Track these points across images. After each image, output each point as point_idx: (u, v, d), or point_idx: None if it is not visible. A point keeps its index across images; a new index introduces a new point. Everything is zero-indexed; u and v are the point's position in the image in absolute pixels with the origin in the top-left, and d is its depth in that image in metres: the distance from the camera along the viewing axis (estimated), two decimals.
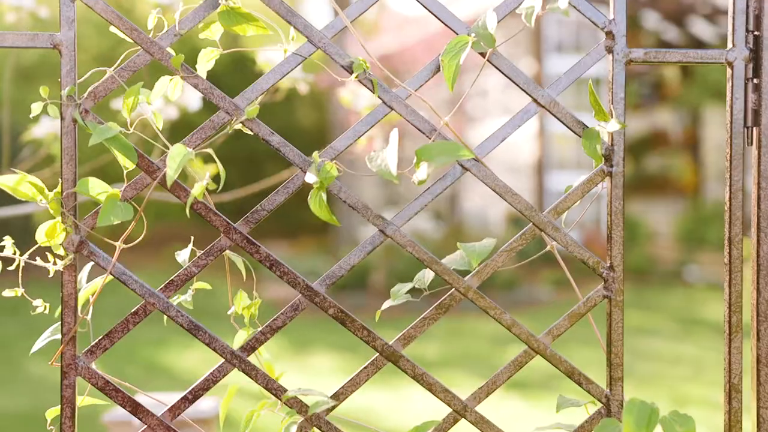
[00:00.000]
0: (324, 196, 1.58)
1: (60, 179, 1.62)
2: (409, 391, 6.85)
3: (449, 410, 1.71)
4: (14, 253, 1.66)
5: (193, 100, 2.99)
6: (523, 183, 14.54)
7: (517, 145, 14.16)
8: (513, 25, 14.43)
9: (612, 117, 1.67)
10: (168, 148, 1.62)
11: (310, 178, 1.59)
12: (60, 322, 1.65)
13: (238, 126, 1.64)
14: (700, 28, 15.64)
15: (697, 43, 15.61)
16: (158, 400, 1.70)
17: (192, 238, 1.74)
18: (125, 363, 7.89)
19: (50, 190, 1.62)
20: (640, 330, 9.32)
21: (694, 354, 8.54)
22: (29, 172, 4.13)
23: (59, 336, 1.67)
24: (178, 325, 1.66)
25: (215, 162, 1.71)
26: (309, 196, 1.60)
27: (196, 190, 1.52)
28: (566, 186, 1.77)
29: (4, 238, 1.67)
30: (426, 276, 1.75)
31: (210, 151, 1.55)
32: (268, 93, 3.22)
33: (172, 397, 2.89)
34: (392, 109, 1.67)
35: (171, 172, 1.48)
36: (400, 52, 13.49)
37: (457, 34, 1.66)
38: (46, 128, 2.97)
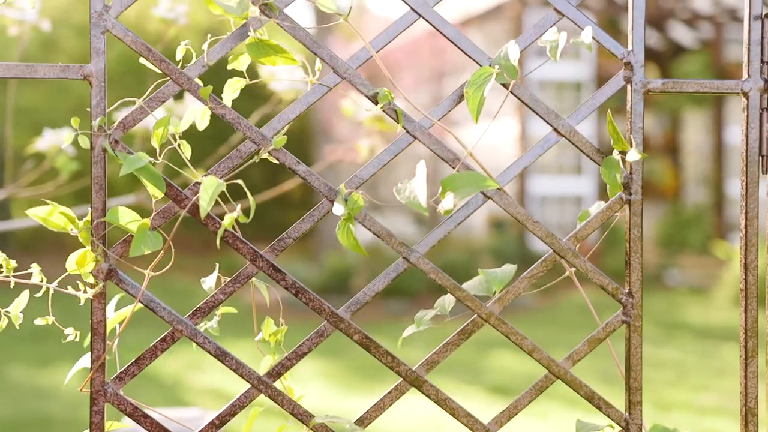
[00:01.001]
0: (353, 228, 1.61)
1: (90, 208, 1.64)
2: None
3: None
4: (42, 280, 1.68)
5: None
6: (507, 188, 14.56)
7: (498, 148, 14.22)
8: (494, 28, 14.49)
9: (630, 146, 1.71)
10: (195, 175, 1.64)
11: (338, 209, 1.62)
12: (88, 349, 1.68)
13: (265, 155, 1.66)
14: (680, 32, 15.75)
15: (677, 48, 15.71)
16: (185, 425, 1.72)
17: (217, 265, 1.76)
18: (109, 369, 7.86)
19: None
20: (622, 334, 9.38)
21: (677, 358, 8.61)
22: (32, 185, 4.14)
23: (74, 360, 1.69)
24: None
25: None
26: (337, 227, 1.63)
27: (227, 222, 1.55)
28: (583, 212, 1.80)
29: (32, 265, 1.69)
30: (447, 301, 1.78)
31: (240, 182, 1.58)
32: (272, 103, 3.25)
33: (190, 413, 2.92)
34: (416, 138, 1.70)
35: (204, 204, 1.51)
36: (382, 56, 13.50)
37: (480, 65, 1.69)
38: (49, 141, 2.98)
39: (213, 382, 7.45)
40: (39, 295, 1.73)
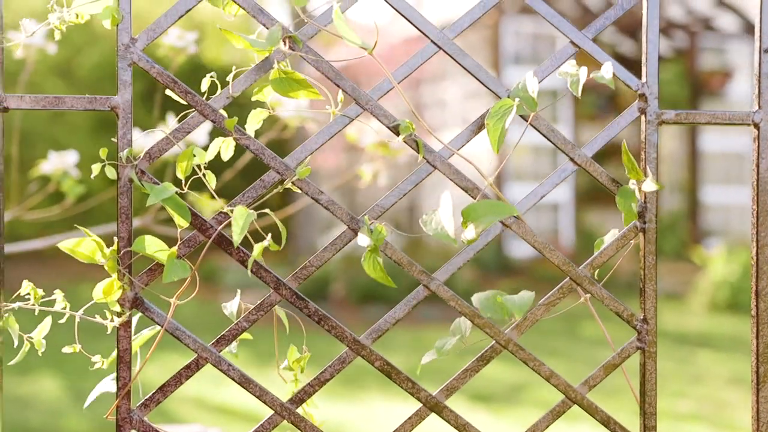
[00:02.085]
0: (380, 260, 1.64)
1: (116, 237, 1.66)
2: (375, 404, 6.91)
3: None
4: (65, 308, 1.70)
5: (201, 137, 3.02)
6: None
7: (474, 156, 14.26)
8: (472, 37, 14.54)
9: (646, 176, 1.74)
10: (221, 206, 1.67)
11: (364, 240, 1.64)
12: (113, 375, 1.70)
13: (288, 185, 1.69)
14: None
15: None
16: None
17: (239, 291, 1.79)
18: (89, 377, 7.84)
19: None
20: (601, 341, 9.45)
21: None
22: (36, 208, 4.14)
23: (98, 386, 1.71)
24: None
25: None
26: (362, 258, 1.66)
27: (256, 252, 1.57)
28: (597, 240, 1.84)
29: (54, 291, 1.71)
30: (463, 326, 1.82)
31: (268, 211, 1.60)
32: (276, 129, 3.27)
33: (191, 429, 2.93)
34: (435, 168, 1.73)
35: (236, 236, 1.54)
36: (360, 63, 13.55)
37: (499, 97, 1.73)
38: (54, 164, 2.99)
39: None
40: (63, 321, 1.75)
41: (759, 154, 1.79)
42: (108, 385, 1.72)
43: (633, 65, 15.93)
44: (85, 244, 1.62)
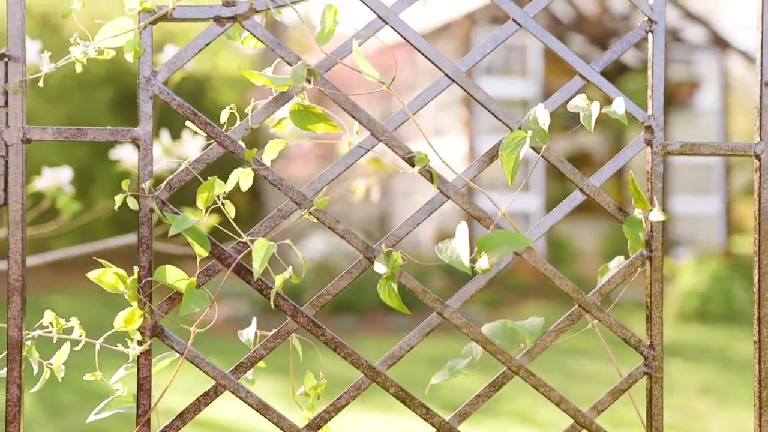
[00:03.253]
0: (395, 287, 1.67)
1: (137, 266, 1.68)
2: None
3: None
4: (81, 335, 1.73)
5: (193, 151, 3.05)
6: (453, 204, 14.73)
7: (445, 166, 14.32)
8: (445, 47, 14.61)
9: (652, 206, 1.79)
10: (240, 235, 1.70)
11: (380, 268, 1.68)
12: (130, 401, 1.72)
13: (306, 215, 1.72)
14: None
15: (621, 67, 15.97)
16: None
17: (255, 319, 1.82)
18: (59, 388, 7.81)
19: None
20: (572, 351, 9.53)
21: (609, 375, 8.76)
22: (32, 224, 4.14)
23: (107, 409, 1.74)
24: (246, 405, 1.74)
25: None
26: (378, 285, 1.70)
27: (278, 284, 1.61)
28: (602, 267, 1.89)
29: (71, 319, 1.73)
30: (475, 351, 1.86)
31: (289, 242, 1.63)
32: None
33: None
34: (449, 198, 1.77)
35: (257, 266, 1.57)
36: (331, 76, 13.51)
37: (512, 130, 1.77)
38: (48, 180, 2.99)
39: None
40: (78, 348, 1.77)
41: (761, 184, 1.84)
42: (117, 403, 1.75)
43: (604, 76, 16.05)
44: (109, 275, 1.64)
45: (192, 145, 3.06)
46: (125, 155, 3.08)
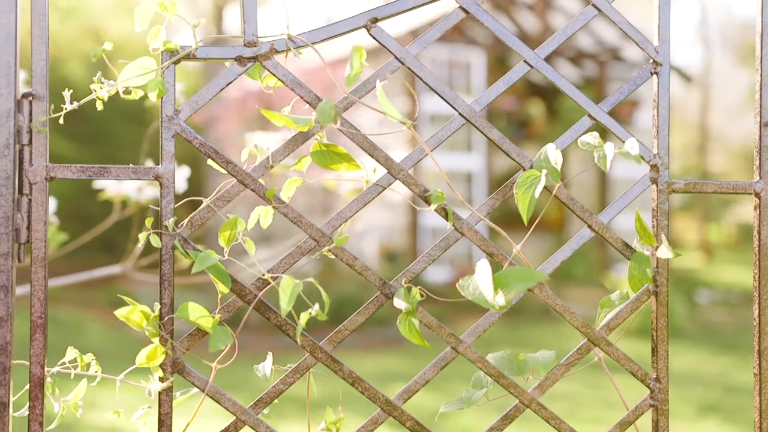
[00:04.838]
0: (416, 322, 1.71)
1: (158, 303, 1.70)
2: None
3: None
4: (97, 371, 1.73)
5: (180, 182, 3.06)
6: (398, 219, 14.82)
7: (394, 184, 14.37)
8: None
9: (659, 243, 1.85)
10: (262, 274, 1.72)
11: (400, 304, 1.71)
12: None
13: (326, 252, 1.75)
14: (565, 70, 16.24)
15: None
16: None
17: (270, 354, 1.84)
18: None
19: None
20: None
21: (569, 390, 8.85)
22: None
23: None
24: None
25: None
26: (398, 320, 1.73)
27: (303, 321, 1.63)
28: (604, 299, 1.94)
29: (86, 354, 1.74)
30: (484, 380, 1.89)
31: (312, 280, 1.66)
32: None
33: None
34: (463, 234, 1.81)
35: (285, 306, 1.59)
36: (300, 75, 13.52)
37: (524, 169, 1.81)
38: None
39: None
40: (95, 384, 1.78)
41: (760, 221, 1.91)
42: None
43: (545, 93, 16.27)
44: (136, 313, 1.66)
45: (178, 176, 3.07)
46: (108, 185, 3.08)
